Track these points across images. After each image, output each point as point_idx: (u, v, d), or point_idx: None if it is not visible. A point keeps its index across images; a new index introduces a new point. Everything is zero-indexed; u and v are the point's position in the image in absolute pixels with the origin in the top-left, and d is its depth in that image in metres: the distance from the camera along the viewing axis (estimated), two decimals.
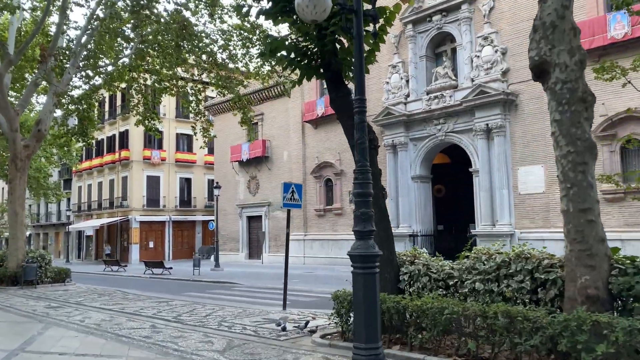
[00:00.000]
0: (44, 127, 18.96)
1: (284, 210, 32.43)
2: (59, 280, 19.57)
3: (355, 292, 5.69)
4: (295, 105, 31.85)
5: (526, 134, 21.29)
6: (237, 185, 35.99)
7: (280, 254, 32.37)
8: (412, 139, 25.14)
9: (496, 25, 22.43)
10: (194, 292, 17.17)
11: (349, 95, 8.12)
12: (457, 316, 6.03)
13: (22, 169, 18.74)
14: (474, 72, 22.77)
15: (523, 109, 21.45)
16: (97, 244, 46.81)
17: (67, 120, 26.97)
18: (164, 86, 23.07)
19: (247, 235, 35.69)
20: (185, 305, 12.80)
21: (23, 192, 19.00)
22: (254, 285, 19.26)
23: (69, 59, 19.58)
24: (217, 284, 20.21)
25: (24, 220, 19.64)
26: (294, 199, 11.46)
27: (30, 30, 19.31)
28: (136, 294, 16.33)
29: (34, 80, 18.53)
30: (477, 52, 22.72)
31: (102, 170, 45.80)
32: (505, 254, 6.73)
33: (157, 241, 42.80)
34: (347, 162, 28.39)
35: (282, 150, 33.11)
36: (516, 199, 21.46)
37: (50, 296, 15.60)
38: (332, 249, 28.76)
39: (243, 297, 15.45)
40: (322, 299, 14.54)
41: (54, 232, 55.04)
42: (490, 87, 21.68)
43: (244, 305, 12.90)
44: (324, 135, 30.02)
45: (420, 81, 25.14)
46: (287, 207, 11.38)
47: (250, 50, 23.29)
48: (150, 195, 42.23)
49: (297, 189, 11.60)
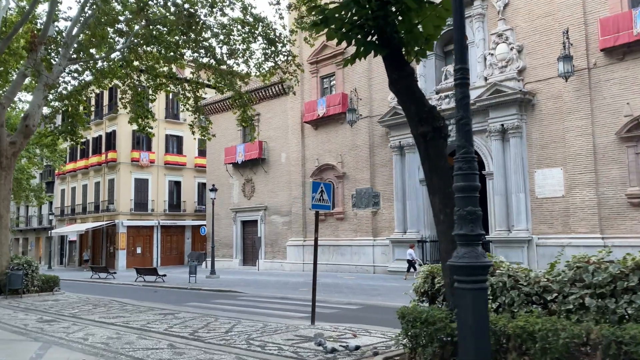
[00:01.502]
0: (32, 123, 17.43)
1: (282, 215, 31.60)
2: (47, 289, 18.01)
3: (460, 312, 4.51)
4: (294, 106, 30.62)
5: (544, 135, 20.37)
6: (230, 189, 34.57)
7: (277, 260, 31.09)
8: None
9: (511, 22, 21.54)
10: (197, 303, 15.78)
11: (412, 76, 6.94)
12: (579, 340, 4.86)
13: (7, 168, 17.17)
14: (488, 70, 21.83)
15: (540, 109, 20.54)
16: (81, 249, 44.83)
17: (54, 118, 25.42)
18: (159, 82, 21.75)
19: (241, 240, 34.25)
20: (195, 319, 11.46)
21: (8, 193, 17.42)
22: (259, 294, 17.93)
23: (60, 48, 18.10)
24: (219, 294, 18.82)
25: (9, 223, 18.04)
26: (323, 199, 10.23)
27: (16, 22, 17.78)
28: (134, 304, 14.91)
29: (22, 71, 17.01)
30: (491, 50, 21.80)
31: (87, 173, 43.93)
32: (621, 262, 5.58)
33: (145, 247, 41.06)
34: (349, 164, 27.26)
35: (279, 152, 31.82)
36: (533, 204, 20.49)
37: (40, 307, 14.10)
38: (333, 255, 27.52)
39: (253, 308, 14.12)
40: (343, 310, 13.31)
41: (35, 237, 52.81)
42: (506, 86, 20.74)
43: (261, 318, 11.60)
44: (324, 137, 28.82)
45: (429, 80, 24.13)
46: (315, 208, 10.14)
47: (252, 45, 22.13)
48: (138, 198, 40.51)
49: (327, 188, 10.37)
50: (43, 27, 17.13)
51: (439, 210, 6.58)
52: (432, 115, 6.71)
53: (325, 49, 28.55)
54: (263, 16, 18.90)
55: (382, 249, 25.17)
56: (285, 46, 19.84)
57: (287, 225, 30.79)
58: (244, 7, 18.81)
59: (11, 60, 22.59)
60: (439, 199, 6.57)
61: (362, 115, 26.23)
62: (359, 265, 26.02)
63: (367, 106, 26.37)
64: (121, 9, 19.73)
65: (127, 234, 39.65)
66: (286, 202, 30.95)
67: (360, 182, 26.52)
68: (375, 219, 25.87)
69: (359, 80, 26.88)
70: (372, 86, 26.45)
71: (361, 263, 25.97)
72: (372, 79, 26.44)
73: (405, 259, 22.44)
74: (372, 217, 25.86)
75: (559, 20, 20.01)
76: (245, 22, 19.13)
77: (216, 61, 20.31)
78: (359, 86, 26.69)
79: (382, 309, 13.35)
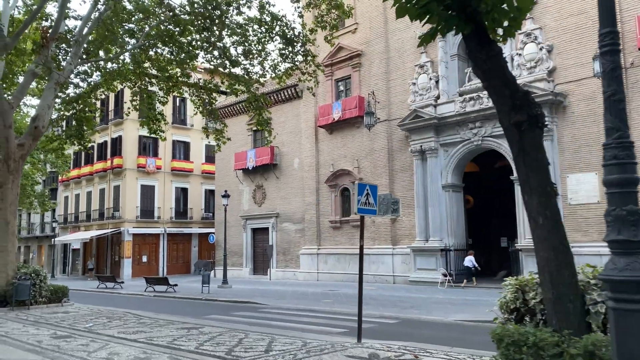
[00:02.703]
0: (42, 124, 16.49)
1: (294, 222, 30.54)
2: (55, 300, 16.96)
3: (623, 339, 3.52)
4: (307, 109, 29.72)
5: (576, 139, 19.44)
6: (240, 195, 33.57)
7: (289, 269, 30.05)
8: (443, 144, 23.14)
9: (540, 21, 20.68)
10: (218, 315, 14.76)
11: (502, 55, 5.99)
12: None
13: (15, 172, 16.21)
14: (516, 71, 20.90)
15: (572, 111, 19.63)
16: (85, 258, 43.76)
17: (62, 121, 24.55)
18: (171, 84, 20.87)
19: (251, 248, 33.20)
20: (223, 334, 10.45)
21: (16, 198, 16.44)
22: (280, 306, 16.90)
23: (71, 46, 17.19)
24: (237, 305, 17.79)
25: (16, 230, 17.05)
26: (368, 203, 9.27)
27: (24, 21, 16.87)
28: (151, 317, 13.88)
29: (32, 69, 16.08)
30: (519, 50, 20.91)
31: (91, 179, 42.94)
32: None
33: (150, 255, 39.98)
34: (366, 169, 26.30)
35: (292, 157, 30.87)
36: (565, 210, 19.50)
37: (51, 320, 13.07)
38: (349, 264, 26.48)
39: (280, 322, 13.11)
40: (381, 325, 12.28)
41: (37, 245, 51.72)
42: (536, 87, 19.83)
43: (295, 334, 10.59)
44: (340, 141, 27.88)
45: (452, 82, 23.24)
46: (362, 213, 9.21)
47: (267, 46, 21.26)
48: (144, 205, 39.50)
49: (372, 191, 9.44)
50: (54, 24, 16.24)
51: (537, 212, 5.61)
52: (527, 101, 5.74)
53: (340, 51, 27.70)
54: (281, 15, 18.04)
55: (402, 258, 24.14)
56: (305, 45, 18.98)
57: (300, 233, 29.78)
58: (261, 6, 17.92)
59: (17, 62, 21.74)
60: (537, 199, 5.60)
61: (380, 119, 25.31)
62: (377, 274, 24.98)
63: (385, 109, 25.47)
64: (132, 9, 18.92)
65: (132, 242, 38.60)
66: (299, 209, 29.97)
67: (379, 188, 25.37)
68: (395, 226, 24.87)
69: (377, 83, 25.99)
70: (390, 89, 25.55)
71: (380, 272, 24.92)
72: (391, 81, 25.55)
73: (466, 266, 21.67)
74: (391, 224, 24.86)
75: (592, 18, 19.14)
76: (262, 21, 18.25)
77: (230, 62, 19.45)
78: (377, 89, 25.80)
79: (423, 324, 12.35)
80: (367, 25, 26.91)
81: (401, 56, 25.25)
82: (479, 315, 13.18)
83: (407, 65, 24.91)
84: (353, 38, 27.42)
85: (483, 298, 17.26)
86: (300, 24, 18.61)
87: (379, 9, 26.33)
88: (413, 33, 24.64)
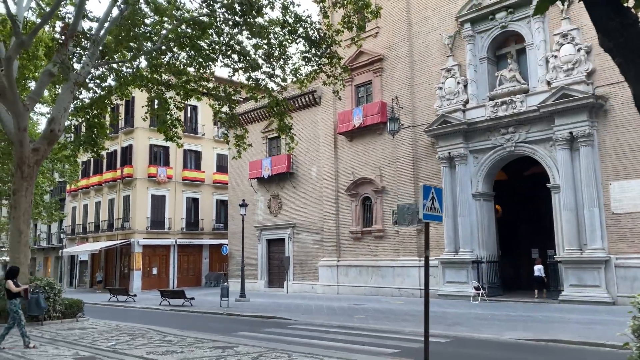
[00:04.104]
0: (58, 127, 15.53)
1: (312, 233, 29.41)
2: (70, 315, 15.91)
3: None
4: (326, 116, 28.79)
5: (620, 144, 18.39)
6: (255, 205, 32.51)
7: (307, 282, 28.94)
8: (473, 151, 22.12)
9: (577, 21, 19.73)
10: (248, 332, 13.67)
11: (637, 25, 4.97)
12: None
13: (29, 178, 15.22)
14: (551, 73, 19.95)
15: (615, 115, 18.60)
16: (93, 270, 42.67)
17: (73, 129, 23.73)
18: (190, 87, 20.00)
19: (266, 260, 32.07)
20: (264, 355, 9.39)
21: (29, 206, 15.43)
22: (310, 321, 15.78)
23: (88, 47, 16.30)
24: (265, 320, 16.67)
25: (29, 240, 16.04)
26: (434, 208, 8.24)
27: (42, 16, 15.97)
28: (175, 334, 12.83)
29: (48, 69, 15.15)
30: (554, 52, 19.95)
31: (100, 189, 42.00)
32: None
33: (160, 267, 38.86)
34: (389, 178, 25.27)
35: (309, 165, 29.87)
36: (608, 219, 18.41)
37: (69, 338, 12.02)
38: (372, 277, 25.35)
39: (318, 340, 12.01)
40: (434, 345, 10.98)
41: (43, 256, 50.65)
42: (575, 90, 18.85)
43: (343, 355, 9.55)
44: (361, 149, 26.88)
45: (481, 86, 22.26)
46: (427, 219, 8.13)
47: (288, 49, 20.40)
48: (154, 216, 38.45)
49: (437, 194, 8.36)
50: (72, 22, 15.34)
51: None
52: None
53: (361, 56, 26.81)
54: (306, 16, 17.15)
55: (429, 270, 22.95)
56: (330, 47, 18.09)
57: (319, 244, 28.70)
58: (284, 6, 17.01)
59: (29, 65, 20.91)
60: None
61: (404, 125, 24.32)
62: (402, 288, 23.84)
63: (410, 115, 24.49)
64: (148, 11, 18.11)
65: (142, 253, 37.53)
66: (317, 219, 28.91)
67: (402, 197, 24.47)
68: (420, 237, 23.74)
69: (400, 88, 25.04)
70: (414, 94, 24.59)
71: (405, 286, 23.78)
72: (415, 86, 24.60)
73: (536, 275, 20.67)
74: (417, 235, 23.76)
75: None
76: (286, 22, 17.36)
77: (251, 67, 18.56)
78: (400, 94, 24.84)
79: (479, 344, 11.24)
80: (389, 29, 26.04)
81: (426, 60, 24.33)
82: (536, 332, 12.08)
83: (432, 70, 23.97)
84: (374, 42, 26.54)
85: (526, 313, 16.14)
86: (326, 24, 17.70)
87: (401, 12, 25.49)
88: (439, 36, 23.79)
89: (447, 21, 23.69)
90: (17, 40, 13.81)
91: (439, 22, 23.97)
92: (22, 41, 13.85)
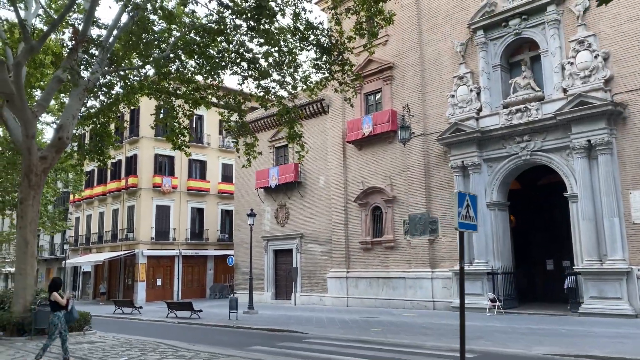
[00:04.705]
0: (66, 135, 15.15)
1: (320, 243, 28.88)
2: (77, 329, 15.35)
3: None
4: (334, 125, 28.42)
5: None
6: (262, 215, 32.03)
7: (315, 293, 28.40)
8: (487, 160, 21.69)
9: (593, 27, 19.40)
10: (262, 346, 13.17)
11: None
12: None
13: (36, 187, 14.82)
14: (567, 80, 19.58)
15: (634, 123, 18.19)
16: (96, 281, 42.12)
17: (78, 138, 23.42)
18: (200, 95, 19.66)
19: (273, 271, 31.54)
20: None
21: (36, 215, 15.02)
22: (325, 335, 15.26)
23: (97, 53, 15.98)
24: (277, 334, 16.15)
25: (35, 251, 15.60)
26: (469, 216, 7.79)
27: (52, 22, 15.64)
28: (189, 348, 12.34)
29: (57, 75, 14.78)
30: (571, 59, 19.59)
31: (104, 200, 41.57)
32: None
33: (165, 278, 38.30)
34: (400, 187, 24.82)
35: (317, 174, 29.45)
36: (629, 229, 17.93)
37: (78, 353, 11.54)
38: (382, 289, 24.80)
39: (341, 356, 11.52)
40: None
41: (45, 267, 50.07)
42: (593, 97, 18.46)
43: None
44: (370, 157, 26.47)
45: (495, 93, 21.89)
46: (463, 228, 7.68)
47: (299, 56, 20.12)
48: (159, 226, 37.98)
49: (472, 201, 7.92)
50: (82, 27, 15.02)
51: None
52: None
53: (370, 64, 26.51)
54: (317, 23, 16.83)
55: (443, 282, 22.48)
56: (343, 54, 17.77)
57: (327, 255, 28.19)
58: (295, 13, 16.68)
59: (36, 74, 20.61)
60: None
61: (415, 133, 23.93)
62: (414, 300, 23.29)
63: (421, 123, 24.10)
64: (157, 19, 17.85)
65: (146, 264, 37.00)
66: (325, 229, 28.44)
67: (414, 207, 24.00)
68: (433, 247, 23.27)
69: (410, 96, 24.68)
70: (425, 102, 24.22)
71: (417, 298, 23.23)
72: (426, 94, 24.24)
73: (570, 287, 19.04)
74: (429, 245, 23.27)
75: None
76: (297, 29, 17.03)
77: (261, 74, 18.25)
78: (411, 102, 24.47)
79: (508, 359, 10.73)
80: (399, 37, 25.75)
81: (437, 68, 23.99)
82: (565, 347, 11.58)
83: (444, 77, 23.63)
84: (384, 50, 26.23)
85: (548, 326, 15.62)
86: (338, 31, 17.34)
87: (411, 20, 25.21)
88: (450, 43, 23.48)
89: (458, 28, 23.39)
90: (26, 45, 13.48)
91: (451, 30, 23.67)
92: (32, 46, 13.52)
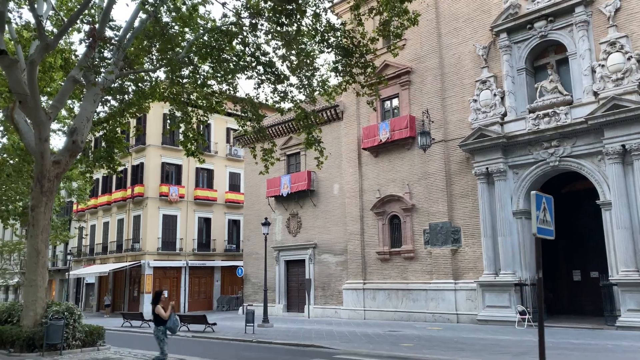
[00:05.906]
0: (81, 138, 14.36)
1: (335, 254, 27.92)
2: (90, 344, 14.55)
3: None
4: (349, 131, 27.66)
5: None
6: (273, 225, 31.11)
7: (329, 306, 27.46)
8: (513, 166, 20.90)
9: (625, 28, 18.73)
10: None
11: None
12: None
13: (49, 193, 14.01)
14: (598, 84, 18.86)
15: None
16: (100, 293, 41.11)
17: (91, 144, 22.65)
18: (215, 100, 18.96)
19: (285, 283, 30.59)
20: None
21: (48, 223, 14.18)
22: (355, 351, 14.34)
23: (112, 53, 15.23)
24: (301, 349, 15.23)
25: (47, 262, 14.72)
26: (545, 221, 6.98)
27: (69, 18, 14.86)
28: None
29: (72, 75, 14.02)
30: (601, 61, 18.89)
31: (109, 209, 40.69)
32: None
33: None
34: (419, 195, 24.00)
35: (331, 183, 28.64)
36: None
37: None
38: (402, 301, 23.87)
39: None
40: None
41: (48, 279, 49.00)
42: (627, 100, 17.72)
43: None
44: (387, 165, 25.67)
45: (520, 98, 21.17)
46: (542, 234, 6.86)
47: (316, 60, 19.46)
48: (165, 237, 37.08)
49: (548, 204, 7.11)
50: (98, 27, 14.29)
51: None
52: None
53: (387, 69, 25.78)
54: (339, 24, 16.11)
55: (467, 294, 21.56)
56: (365, 56, 17.07)
57: (342, 266, 27.29)
58: (315, 14, 15.99)
59: (45, 77, 19.87)
60: None
61: (435, 139, 23.16)
62: (436, 313, 22.36)
63: (441, 129, 23.34)
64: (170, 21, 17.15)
65: (153, 275, 36.04)
66: (340, 239, 27.56)
67: (435, 216, 23.16)
68: (456, 258, 22.39)
69: (430, 101, 23.95)
70: (446, 107, 23.47)
71: (440, 310, 22.31)
72: (446, 99, 23.51)
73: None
74: (452, 256, 22.39)
75: None
76: (317, 31, 16.35)
77: (277, 78, 17.57)
78: (430, 107, 23.73)
79: None
80: (417, 41, 25.07)
81: (458, 72, 23.28)
82: None
83: (465, 82, 22.92)
84: (401, 54, 25.35)
85: (589, 341, 14.73)
86: (360, 32, 16.63)
87: (430, 23, 24.54)
88: (472, 47, 22.81)
89: (479, 32, 22.73)
90: (41, 43, 12.73)
91: (472, 33, 23.01)
92: (47, 44, 12.77)
